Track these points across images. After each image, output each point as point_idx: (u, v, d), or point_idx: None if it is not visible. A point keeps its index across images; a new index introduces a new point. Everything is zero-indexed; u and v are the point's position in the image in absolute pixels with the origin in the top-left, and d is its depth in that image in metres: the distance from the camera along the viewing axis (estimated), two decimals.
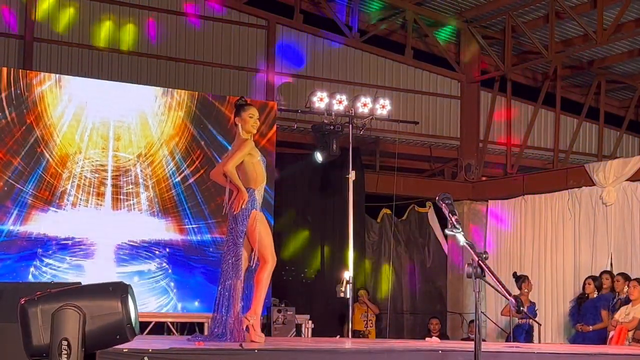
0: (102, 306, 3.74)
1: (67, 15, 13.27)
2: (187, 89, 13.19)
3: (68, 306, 3.63)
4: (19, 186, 11.22)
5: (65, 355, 3.56)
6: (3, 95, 11.23)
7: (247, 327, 7.16)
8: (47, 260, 11.31)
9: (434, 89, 15.86)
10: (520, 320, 12.02)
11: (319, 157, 12.63)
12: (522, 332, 11.93)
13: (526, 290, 12.20)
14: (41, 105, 11.47)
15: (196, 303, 12.14)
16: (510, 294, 4.14)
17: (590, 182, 13.34)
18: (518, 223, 14.57)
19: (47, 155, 11.43)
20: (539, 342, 12.09)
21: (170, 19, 13.97)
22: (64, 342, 3.57)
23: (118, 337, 3.78)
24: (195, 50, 14.10)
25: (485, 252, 4.19)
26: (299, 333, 12.12)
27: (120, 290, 3.80)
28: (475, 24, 15.40)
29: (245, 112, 7.40)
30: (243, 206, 7.23)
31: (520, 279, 12.28)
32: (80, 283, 7.33)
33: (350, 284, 11.72)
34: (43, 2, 13.08)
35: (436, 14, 15.35)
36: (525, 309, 11.42)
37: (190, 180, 12.21)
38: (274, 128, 13.02)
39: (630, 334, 10.56)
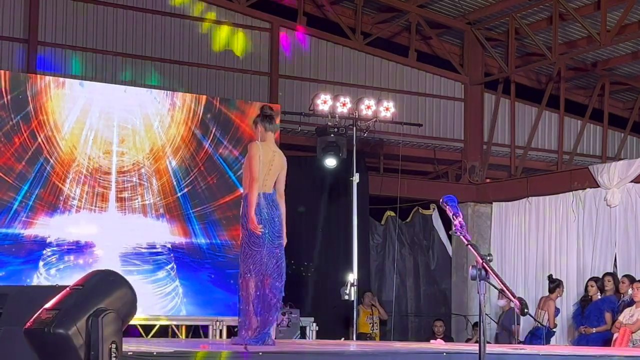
0: (121, 298, 3.78)
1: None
2: (191, 91, 13.20)
3: (103, 312, 3.64)
4: (23, 190, 11.23)
5: (115, 358, 3.58)
6: (7, 98, 11.25)
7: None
8: (52, 264, 11.32)
9: (438, 91, 15.85)
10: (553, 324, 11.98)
11: (331, 162, 12.58)
12: (537, 339, 11.84)
13: (558, 294, 12.17)
14: (45, 108, 11.49)
15: (201, 305, 12.14)
16: (515, 296, 4.15)
17: (595, 184, 13.33)
18: (522, 225, 14.55)
19: (52, 159, 11.45)
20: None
21: (174, 21, 13.98)
22: (113, 345, 3.59)
23: (130, 316, 3.85)
24: (200, 53, 14.11)
25: (490, 254, 4.20)
26: (303, 335, 12.13)
27: (119, 276, 3.86)
28: (478, 26, 15.40)
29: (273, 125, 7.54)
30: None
31: (555, 282, 12.23)
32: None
33: (355, 287, 11.72)
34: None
35: (440, 16, 15.36)
36: (528, 312, 11.38)
37: (195, 183, 12.22)
38: (278, 130, 13.03)
39: (634, 335, 10.55)
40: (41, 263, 11.25)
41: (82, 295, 3.87)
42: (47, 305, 3.87)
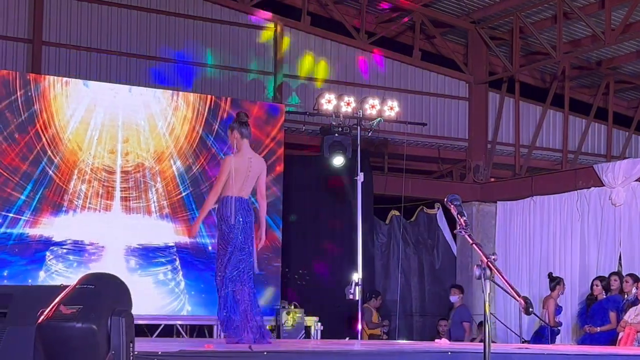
0: (128, 302, 3.80)
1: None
2: (196, 91, 13.21)
3: (127, 309, 3.66)
4: (28, 190, 11.25)
5: (132, 357, 3.59)
6: (12, 99, 11.27)
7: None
8: (57, 263, 11.34)
9: (442, 91, 15.85)
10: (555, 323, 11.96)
11: (339, 160, 12.58)
12: (542, 339, 11.83)
13: (559, 292, 12.16)
14: (50, 108, 11.50)
15: (205, 305, 12.14)
16: (519, 295, 4.14)
17: (599, 183, 13.32)
18: (527, 224, 14.54)
19: (56, 159, 11.46)
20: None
21: (179, 21, 13.99)
22: (131, 345, 3.61)
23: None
24: (203, 53, 14.11)
25: (494, 254, 4.19)
26: (308, 335, 12.13)
27: (119, 279, 3.88)
28: (482, 25, 15.39)
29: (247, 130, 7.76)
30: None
31: (555, 280, 12.22)
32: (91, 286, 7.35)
33: (359, 286, 11.71)
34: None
35: (444, 15, 15.35)
36: (532, 311, 11.37)
37: (199, 183, 12.23)
38: (282, 130, 13.04)
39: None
40: (46, 262, 11.26)
41: (100, 295, 3.88)
42: (63, 303, 3.86)
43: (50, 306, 3.89)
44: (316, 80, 14.78)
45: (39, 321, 3.80)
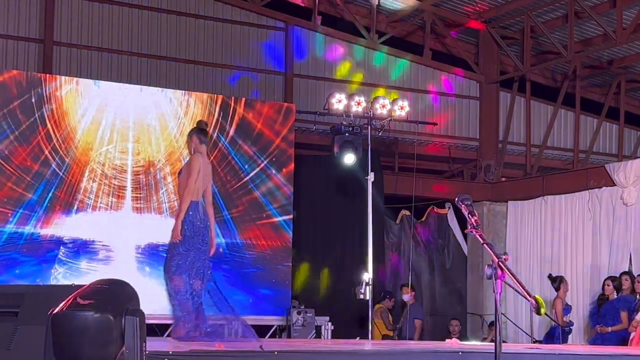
0: (138, 304, 3.82)
1: None
2: (206, 91, 13.23)
3: (139, 309, 3.67)
4: (39, 190, 11.29)
5: (145, 356, 3.60)
6: (23, 99, 11.30)
7: None
8: (68, 263, 11.37)
9: (453, 90, 15.83)
10: (563, 323, 11.92)
11: (350, 158, 12.58)
12: (553, 339, 11.80)
13: (564, 290, 12.13)
14: (61, 108, 11.54)
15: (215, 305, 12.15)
16: (530, 295, 4.13)
17: (611, 183, 13.28)
18: (538, 224, 14.51)
19: (67, 159, 11.50)
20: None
21: (189, 22, 14.01)
22: (144, 345, 3.62)
23: None
24: (214, 53, 14.14)
25: (506, 253, 4.19)
26: (318, 335, 12.13)
27: (130, 285, 3.90)
28: (494, 25, 15.36)
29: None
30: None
31: (556, 280, 12.19)
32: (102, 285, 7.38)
33: (370, 286, 11.70)
34: None
35: (455, 14, 15.33)
36: (545, 311, 11.35)
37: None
38: (293, 130, 13.05)
39: None
40: (57, 262, 11.29)
41: (115, 293, 3.90)
42: (79, 296, 3.88)
43: (66, 299, 3.91)
44: (351, 83, 14.75)
45: (54, 311, 3.82)
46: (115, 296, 3.84)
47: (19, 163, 11.22)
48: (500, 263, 4.09)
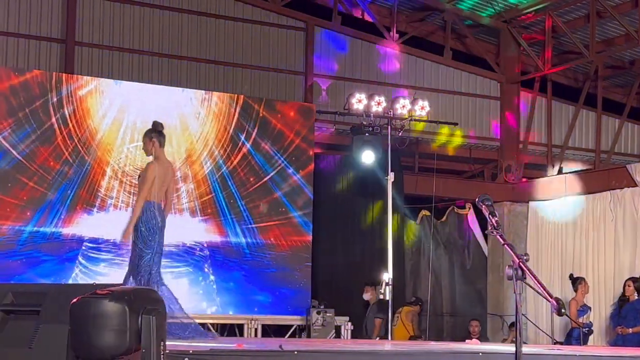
0: (164, 313, 3.84)
1: None
2: (227, 91, 13.26)
3: (159, 309, 3.70)
4: (61, 189, 11.36)
5: (163, 356, 3.63)
6: (45, 99, 11.38)
7: None
8: (89, 262, 11.43)
9: (474, 90, 15.78)
10: (573, 325, 11.87)
11: (369, 157, 12.58)
12: (573, 340, 11.74)
13: (582, 292, 12.08)
14: (82, 108, 11.60)
15: (236, 304, 12.19)
16: (551, 296, 4.11)
17: (632, 183, 13.20)
18: (559, 224, 14.44)
19: (89, 158, 11.56)
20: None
21: (210, 22, 14.05)
22: (162, 343, 3.64)
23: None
24: (235, 53, 14.17)
25: (526, 254, 4.17)
26: (338, 335, 12.13)
27: (155, 291, 3.92)
28: (514, 25, 15.30)
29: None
30: None
31: (576, 281, 12.15)
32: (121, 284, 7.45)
33: (390, 286, 11.70)
34: None
35: (475, 14, 15.28)
36: (566, 312, 11.30)
37: (230, 183, 12.28)
38: (313, 130, 13.07)
39: None
40: (79, 261, 11.36)
41: (136, 291, 3.93)
42: (99, 289, 3.92)
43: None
44: (372, 84, 14.70)
45: (74, 300, 3.85)
46: (135, 293, 3.86)
47: (41, 163, 11.29)
48: (521, 264, 4.07)
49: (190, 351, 5.58)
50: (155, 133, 8.19)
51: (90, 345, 3.73)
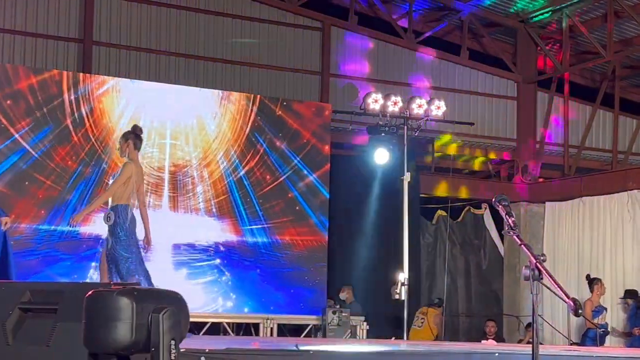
0: (183, 313, 3.85)
1: None
2: (244, 91, 13.28)
3: (171, 308, 3.71)
4: (79, 188, 11.40)
5: (174, 354, 3.63)
6: (62, 98, 11.42)
7: None
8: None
9: (490, 90, 15.74)
10: (590, 324, 11.83)
11: (383, 157, 12.58)
12: (589, 340, 11.70)
13: (597, 293, 12.04)
14: (100, 108, 11.65)
15: (251, 304, 12.21)
16: (568, 297, 4.10)
17: None
18: (576, 225, 14.39)
19: (106, 157, 11.60)
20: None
21: (226, 21, 14.07)
22: (173, 342, 3.65)
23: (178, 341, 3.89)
24: (251, 53, 14.18)
25: (543, 254, 4.16)
26: (354, 335, 12.13)
27: (185, 301, 3.93)
28: (532, 24, 15.25)
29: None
30: None
31: (592, 282, 12.12)
32: (138, 283, 7.48)
33: (406, 286, 11.68)
34: None
35: (493, 14, 15.24)
36: (582, 312, 11.28)
37: (246, 182, 12.30)
38: (329, 130, 13.07)
39: None
40: (95, 260, 11.39)
41: (151, 290, 3.95)
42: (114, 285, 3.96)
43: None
44: (387, 83, 14.67)
45: (87, 294, 3.89)
46: (146, 291, 3.87)
47: (58, 162, 11.34)
48: (538, 264, 4.06)
49: (207, 350, 5.59)
50: (133, 135, 8.26)
51: (95, 338, 3.77)
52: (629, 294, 12.68)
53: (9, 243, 7.94)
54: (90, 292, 3.85)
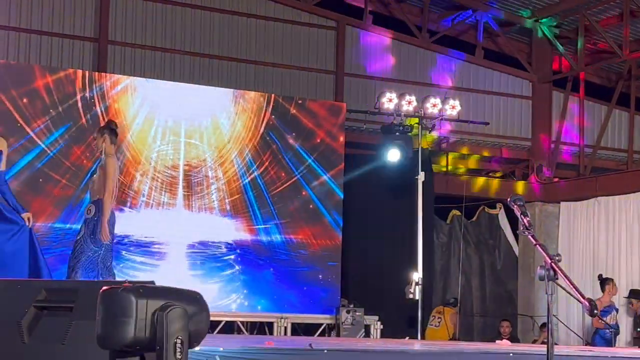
0: (196, 312, 3.84)
1: None
2: (258, 90, 13.29)
3: (179, 306, 3.70)
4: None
5: (180, 353, 3.63)
6: (78, 97, 11.47)
7: None
8: (121, 260, 11.50)
9: (505, 89, 15.70)
10: (599, 324, 11.79)
11: (392, 157, 12.59)
12: (601, 340, 11.67)
13: (609, 293, 12.01)
14: (115, 107, 11.69)
15: (265, 303, 12.23)
16: (583, 297, 4.09)
17: None
18: (591, 225, 14.34)
19: (121, 157, 11.63)
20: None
21: (242, 20, 14.09)
22: (178, 340, 3.64)
23: (195, 344, 3.88)
24: (266, 52, 14.20)
25: (558, 254, 4.15)
26: (367, 334, 12.13)
27: (205, 302, 3.91)
28: (547, 23, 15.20)
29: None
30: None
31: (604, 282, 12.10)
32: (153, 282, 7.48)
33: (420, 286, 11.67)
34: None
35: (508, 13, 15.20)
36: (598, 313, 11.25)
37: (260, 182, 12.32)
38: (343, 129, 13.07)
39: None
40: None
41: (170, 290, 3.94)
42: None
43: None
44: (402, 83, 14.64)
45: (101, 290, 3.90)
46: (157, 290, 3.86)
47: (74, 161, 11.39)
48: (553, 264, 4.05)
49: (221, 349, 5.61)
50: (108, 130, 8.25)
51: (101, 335, 3.78)
52: (634, 294, 12.62)
53: (36, 240, 7.89)
54: (102, 289, 3.87)
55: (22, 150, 11.10)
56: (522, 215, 4.41)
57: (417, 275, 11.70)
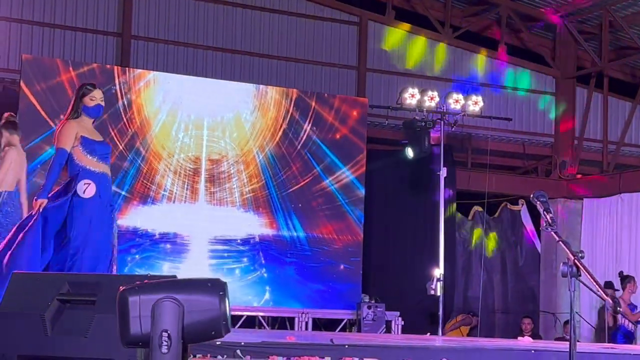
0: (200, 301, 3.81)
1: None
2: (280, 85, 13.30)
3: (168, 299, 3.71)
4: (116, 181, 11.48)
5: (166, 347, 3.64)
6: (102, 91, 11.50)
7: None
8: (142, 254, 11.56)
9: (528, 85, 15.62)
10: (620, 322, 11.73)
11: (410, 153, 12.60)
12: (621, 336, 11.62)
13: (629, 291, 11.95)
14: (138, 101, 11.74)
15: (287, 298, 12.24)
16: (607, 294, 4.07)
17: None
18: (614, 222, 14.25)
19: (143, 151, 11.69)
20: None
21: (264, 16, 14.10)
22: (165, 334, 3.65)
23: (213, 332, 3.86)
24: (288, 47, 14.20)
25: (581, 251, 4.13)
26: (388, 330, 12.12)
27: (218, 287, 3.88)
28: (571, 19, 15.11)
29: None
30: None
31: (625, 279, 12.03)
32: (175, 276, 7.50)
33: (441, 282, 11.64)
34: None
35: (531, 9, 15.12)
36: (621, 310, 11.20)
37: (281, 177, 12.33)
38: (365, 124, 13.05)
39: None
40: (132, 253, 11.49)
41: (169, 282, 3.94)
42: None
43: None
44: (425, 78, 14.60)
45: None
46: (154, 285, 3.86)
47: None
48: (576, 261, 4.03)
49: (242, 343, 5.63)
50: (3, 123, 8.00)
51: (119, 335, 3.83)
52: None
53: (39, 226, 7.78)
54: (119, 289, 3.91)
55: (44, 145, 11.14)
56: (545, 212, 4.39)
57: (438, 272, 11.67)
